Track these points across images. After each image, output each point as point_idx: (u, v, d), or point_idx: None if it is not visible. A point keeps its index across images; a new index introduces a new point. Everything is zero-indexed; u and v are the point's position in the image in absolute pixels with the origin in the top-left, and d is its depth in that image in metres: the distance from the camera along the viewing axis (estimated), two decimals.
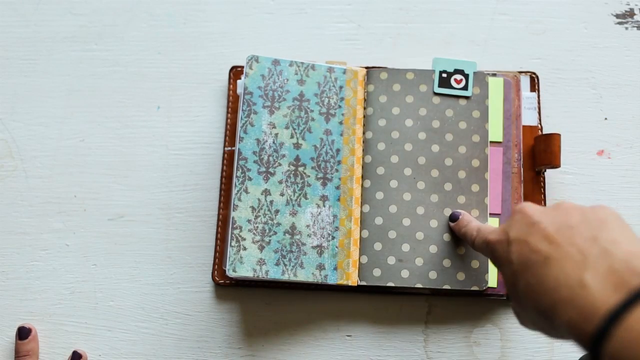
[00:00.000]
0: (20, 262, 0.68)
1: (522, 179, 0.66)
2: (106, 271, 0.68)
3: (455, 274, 0.63)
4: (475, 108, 0.66)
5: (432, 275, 0.63)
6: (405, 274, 0.63)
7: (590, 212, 0.44)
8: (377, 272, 0.63)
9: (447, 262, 0.63)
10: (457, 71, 0.67)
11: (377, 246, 0.64)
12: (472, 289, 0.63)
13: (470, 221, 0.60)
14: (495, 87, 0.67)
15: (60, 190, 0.70)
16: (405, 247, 0.64)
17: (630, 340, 0.36)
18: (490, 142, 0.66)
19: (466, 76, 0.67)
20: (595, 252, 0.41)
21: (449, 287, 0.63)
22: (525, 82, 0.70)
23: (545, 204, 0.67)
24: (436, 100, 0.67)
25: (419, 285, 0.63)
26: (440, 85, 0.67)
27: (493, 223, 0.65)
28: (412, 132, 0.66)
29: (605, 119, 0.71)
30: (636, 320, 0.37)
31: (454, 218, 0.63)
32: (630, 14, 0.73)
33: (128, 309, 0.67)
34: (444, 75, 0.67)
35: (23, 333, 0.65)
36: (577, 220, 0.44)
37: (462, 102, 0.67)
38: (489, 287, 0.64)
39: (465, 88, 0.67)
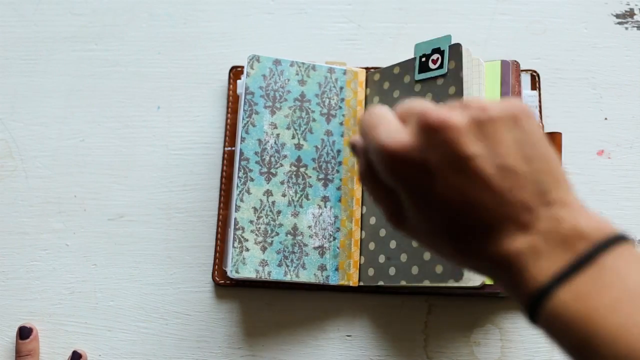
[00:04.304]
0: (20, 262, 0.68)
1: None
2: (106, 271, 0.68)
3: (434, 267, 0.60)
4: (451, 84, 0.62)
5: (414, 270, 0.61)
6: (392, 271, 0.62)
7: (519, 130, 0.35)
8: (371, 271, 0.63)
9: (426, 255, 0.60)
10: (434, 51, 0.63)
11: (371, 246, 0.63)
12: (448, 283, 0.59)
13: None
14: (492, 71, 0.64)
15: (60, 190, 0.70)
16: (393, 244, 0.62)
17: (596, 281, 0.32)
18: None
19: (442, 53, 0.63)
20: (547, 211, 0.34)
21: (429, 283, 0.60)
22: (526, 80, 0.70)
23: None
24: (417, 87, 0.64)
25: (403, 283, 0.61)
26: (420, 71, 0.64)
27: None
28: None
29: (605, 119, 0.71)
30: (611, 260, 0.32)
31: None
32: (630, 14, 0.73)
33: (128, 309, 0.67)
34: (423, 59, 0.64)
35: (24, 333, 0.64)
36: (514, 156, 0.34)
37: (440, 81, 0.63)
38: (488, 287, 0.63)
39: (441, 66, 0.63)
